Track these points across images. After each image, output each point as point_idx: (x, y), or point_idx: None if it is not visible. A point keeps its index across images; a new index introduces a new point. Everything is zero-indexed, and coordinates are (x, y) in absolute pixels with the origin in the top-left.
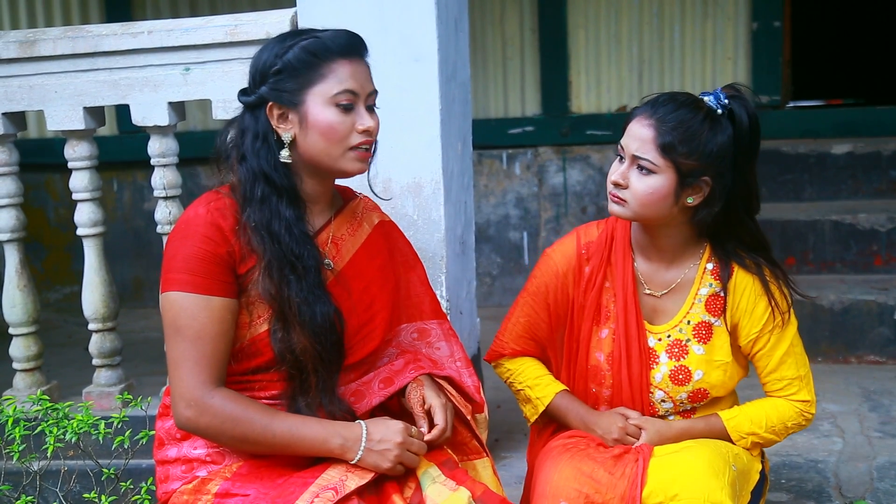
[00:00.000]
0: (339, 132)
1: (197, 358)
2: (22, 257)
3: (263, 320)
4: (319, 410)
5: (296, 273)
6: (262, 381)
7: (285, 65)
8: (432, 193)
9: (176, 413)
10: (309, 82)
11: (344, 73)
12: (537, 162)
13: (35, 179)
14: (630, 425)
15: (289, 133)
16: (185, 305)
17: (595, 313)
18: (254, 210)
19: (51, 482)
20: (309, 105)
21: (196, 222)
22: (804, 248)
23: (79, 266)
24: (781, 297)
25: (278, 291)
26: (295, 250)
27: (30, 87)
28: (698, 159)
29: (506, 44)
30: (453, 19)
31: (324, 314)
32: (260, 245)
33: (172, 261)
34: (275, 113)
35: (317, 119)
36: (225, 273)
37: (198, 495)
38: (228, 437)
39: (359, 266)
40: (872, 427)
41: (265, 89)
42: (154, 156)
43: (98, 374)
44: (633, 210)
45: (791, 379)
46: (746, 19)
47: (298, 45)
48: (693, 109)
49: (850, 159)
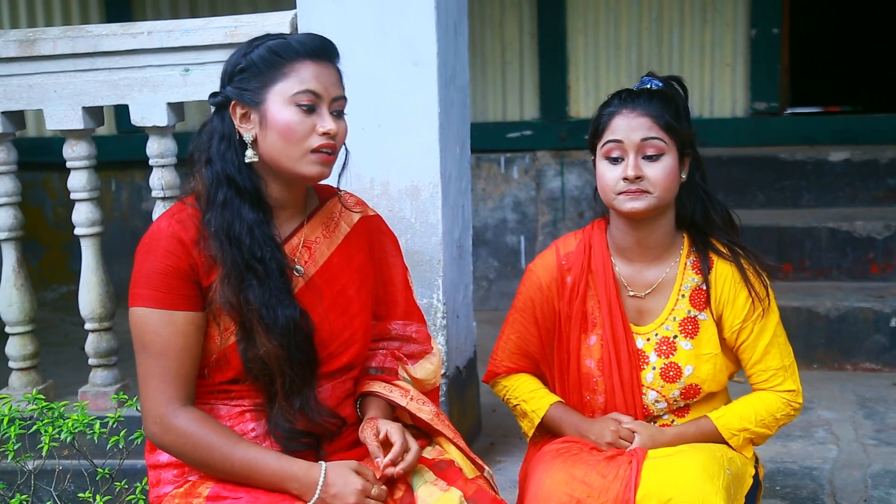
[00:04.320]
0: (297, 133)
1: (162, 374)
2: (19, 256)
3: (231, 332)
4: (299, 418)
5: (257, 277)
6: (238, 391)
7: (249, 63)
8: (430, 197)
9: (145, 427)
10: (271, 81)
11: (306, 74)
12: (535, 166)
13: (33, 178)
14: (623, 429)
15: (250, 133)
16: (148, 321)
17: (582, 321)
18: (215, 214)
19: (45, 481)
20: (269, 104)
21: (158, 236)
22: (801, 255)
23: (76, 265)
24: (759, 284)
25: (238, 298)
26: (256, 253)
27: (29, 87)
28: (686, 127)
29: (505, 48)
30: (452, 23)
31: (287, 317)
32: (219, 251)
33: (137, 276)
34: (237, 112)
35: (276, 118)
36: (188, 287)
37: (189, 498)
38: (189, 458)
39: (334, 269)
40: (867, 434)
41: (229, 88)
42: (152, 156)
43: (94, 374)
44: (658, 198)
45: (776, 369)
46: (745, 26)
47: (265, 44)
48: (658, 94)
49: (847, 167)
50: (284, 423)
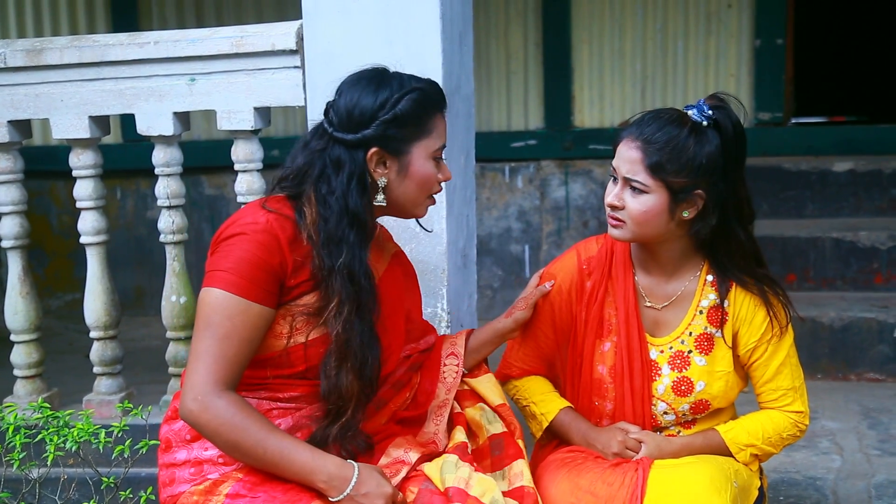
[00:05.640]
0: (430, 183)
1: (218, 356)
2: (25, 264)
3: (301, 334)
4: (338, 442)
5: (361, 317)
6: (283, 384)
7: (397, 115)
8: (434, 206)
9: (182, 403)
10: (418, 135)
11: (442, 128)
12: (540, 175)
13: (39, 186)
14: (630, 439)
15: (384, 178)
16: (224, 304)
17: (597, 327)
18: (335, 247)
19: (50, 490)
20: (413, 156)
21: (255, 228)
22: (805, 265)
23: (81, 273)
24: (781, 309)
25: (344, 331)
26: (367, 294)
27: (36, 96)
28: (688, 175)
29: (510, 58)
30: (458, 33)
31: (375, 358)
32: (339, 285)
33: (224, 259)
34: (374, 158)
35: (419, 171)
36: (271, 283)
37: (209, 496)
38: (223, 440)
39: (381, 294)
40: (871, 445)
41: (371, 132)
42: (158, 165)
43: (99, 383)
44: (632, 231)
45: (786, 389)
46: (749, 36)
47: (410, 97)
48: (678, 126)
49: (851, 177)
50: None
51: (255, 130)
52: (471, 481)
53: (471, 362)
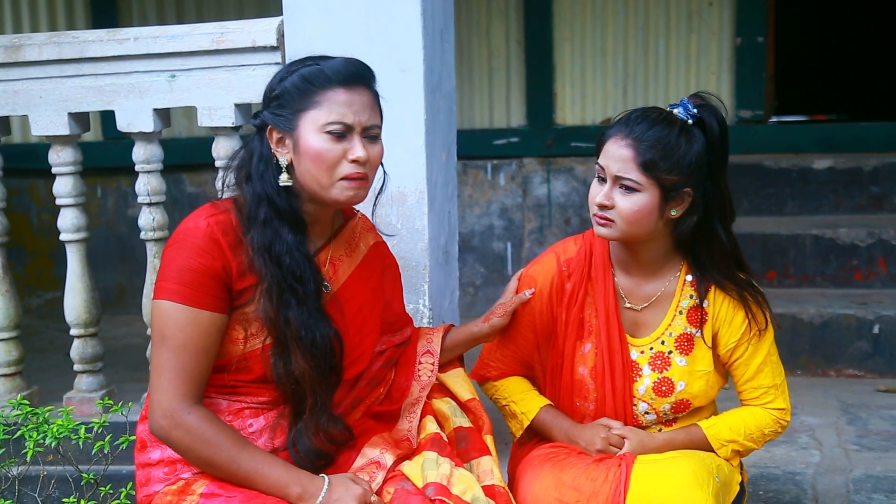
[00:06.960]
0: (327, 160)
1: (178, 369)
2: (4, 262)
3: (258, 339)
4: (318, 432)
5: (296, 296)
6: (243, 389)
7: (283, 90)
8: (416, 203)
9: (151, 420)
10: (302, 108)
11: (338, 102)
12: (522, 173)
13: (19, 184)
14: (613, 435)
15: (285, 157)
16: (173, 315)
17: (578, 328)
18: (257, 231)
19: (30, 487)
20: (301, 131)
21: (195, 234)
22: (785, 262)
23: (61, 271)
24: (759, 310)
25: (277, 314)
26: (296, 273)
27: (14, 92)
28: (679, 173)
29: (492, 55)
30: (439, 30)
31: (324, 337)
32: (261, 267)
33: (167, 269)
34: (274, 137)
35: (308, 146)
36: (217, 288)
37: (182, 496)
38: (195, 455)
39: (353, 288)
40: (850, 440)
41: (266, 113)
42: (138, 162)
43: (79, 380)
44: (621, 230)
45: (767, 387)
46: (731, 34)
47: (298, 71)
48: (667, 124)
49: (831, 174)
50: (307, 440)
51: (236, 127)
52: (452, 478)
53: (443, 361)
